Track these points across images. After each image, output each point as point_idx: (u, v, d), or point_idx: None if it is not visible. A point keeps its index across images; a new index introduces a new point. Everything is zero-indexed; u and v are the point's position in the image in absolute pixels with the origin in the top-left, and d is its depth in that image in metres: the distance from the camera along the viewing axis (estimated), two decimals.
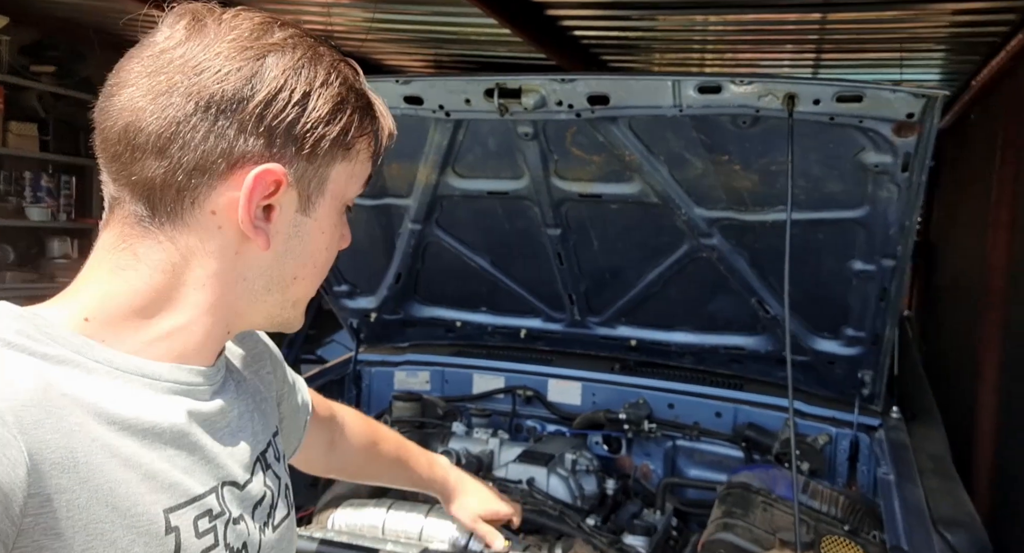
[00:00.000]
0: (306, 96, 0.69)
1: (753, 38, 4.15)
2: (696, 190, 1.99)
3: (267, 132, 0.68)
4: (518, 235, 2.31)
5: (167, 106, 0.66)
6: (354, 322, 2.76)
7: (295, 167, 0.71)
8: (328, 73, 0.71)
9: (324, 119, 0.70)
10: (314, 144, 0.71)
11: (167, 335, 0.71)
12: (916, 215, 1.77)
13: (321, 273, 0.80)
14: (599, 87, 1.73)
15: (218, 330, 0.74)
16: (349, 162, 0.76)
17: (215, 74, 0.66)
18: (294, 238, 0.74)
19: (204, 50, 0.67)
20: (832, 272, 2.05)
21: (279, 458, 0.87)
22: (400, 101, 1.86)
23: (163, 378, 0.70)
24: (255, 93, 0.67)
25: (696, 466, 2.51)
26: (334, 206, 0.76)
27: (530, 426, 2.69)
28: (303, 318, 0.82)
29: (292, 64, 0.69)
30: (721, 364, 2.53)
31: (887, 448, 2.20)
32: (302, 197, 0.73)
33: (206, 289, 0.71)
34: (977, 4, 3.32)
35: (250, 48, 0.68)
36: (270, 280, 0.75)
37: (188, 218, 0.69)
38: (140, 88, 0.67)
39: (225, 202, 0.69)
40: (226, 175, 0.68)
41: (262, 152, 0.68)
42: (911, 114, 1.55)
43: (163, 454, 0.67)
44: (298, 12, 4.35)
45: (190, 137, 0.66)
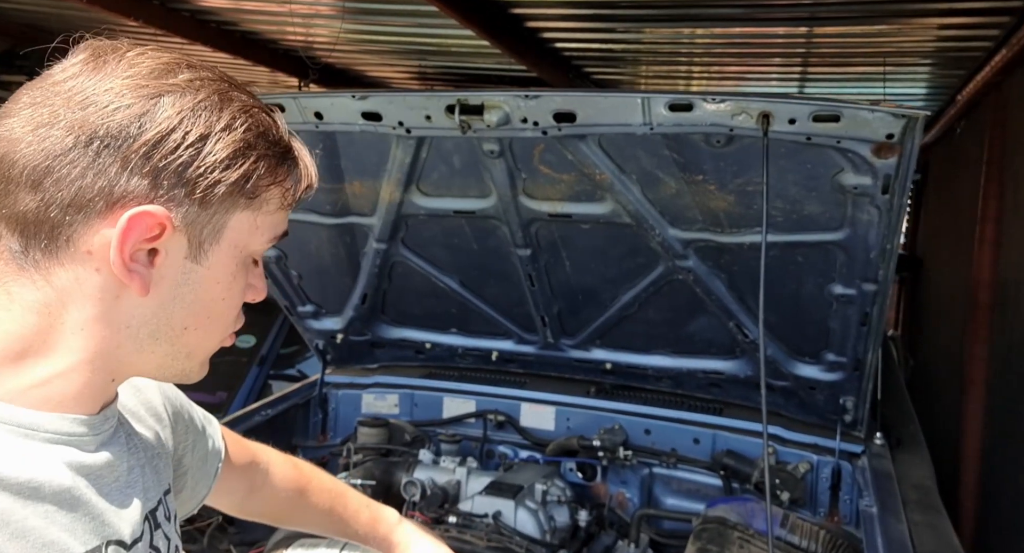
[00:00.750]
0: (203, 139, 0.65)
1: (739, 51, 4.10)
2: (670, 210, 1.91)
3: (152, 172, 0.64)
4: (487, 255, 2.22)
5: (45, 138, 0.62)
6: (320, 343, 2.66)
7: (184, 211, 0.66)
8: (233, 118, 0.67)
9: (221, 164, 0.66)
10: (207, 189, 0.66)
11: (43, 382, 0.66)
12: (898, 238, 1.69)
13: (219, 324, 0.74)
14: (565, 104, 1.64)
15: (100, 379, 0.69)
16: (252, 211, 0.70)
17: (102, 109, 0.63)
18: (183, 286, 0.69)
19: (95, 84, 0.64)
20: (812, 296, 1.97)
21: (169, 518, 0.82)
22: (358, 117, 1.77)
23: (41, 428, 0.65)
24: (143, 131, 0.63)
25: (673, 495, 2.42)
26: (233, 255, 0.71)
27: (502, 452, 2.59)
28: (204, 369, 0.77)
29: (191, 106, 0.65)
30: (699, 388, 2.45)
31: (870, 477, 2.12)
32: (192, 243, 0.68)
33: (84, 334, 0.67)
34: (963, 19, 3.28)
35: (146, 86, 0.64)
36: (156, 329, 0.69)
37: (63, 256, 0.65)
38: (21, 119, 0.64)
39: (101, 242, 0.64)
40: (104, 214, 0.63)
41: (146, 193, 0.64)
42: (891, 135, 1.47)
43: (39, 510, 0.62)
44: (281, 23, 4.27)
45: (66, 172, 0.62)
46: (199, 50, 4.71)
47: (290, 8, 3.63)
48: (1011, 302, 3.53)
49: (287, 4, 3.76)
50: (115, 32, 0.70)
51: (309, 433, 2.69)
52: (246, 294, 0.75)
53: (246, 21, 4.33)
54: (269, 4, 3.88)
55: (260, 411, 2.50)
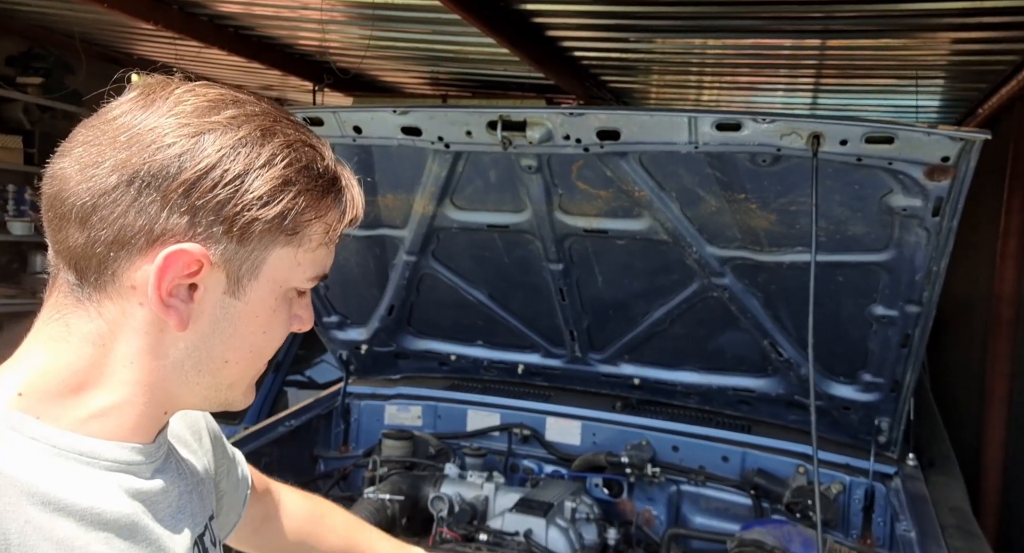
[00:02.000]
0: (240, 176, 0.65)
1: (752, 62, 4.08)
2: (709, 228, 1.88)
3: (191, 210, 0.65)
4: (518, 269, 2.19)
5: (92, 177, 0.64)
6: (344, 354, 2.64)
7: (223, 248, 0.67)
8: (273, 154, 0.67)
9: (259, 201, 0.66)
10: (245, 226, 0.66)
11: (101, 413, 0.68)
12: (945, 261, 1.66)
13: (260, 356, 0.75)
14: (610, 122, 1.62)
15: (153, 410, 0.71)
16: (293, 248, 0.70)
17: (145, 149, 0.64)
18: (223, 321, 0.70)
19: (140, 123, 0.65)
20: (851, 316, 1.94)
21: (215, 543, 0.84)
22: (397, 131, 1.75)
23: (101, 457, 0.67)
24: (183, 170, 0.64)
25: (702, 513, 2.39)
26: (272, 291, 0.71)
27: (527, 466, 2.56)
28: (250, 396, 0.78)
29: (231, 143, 0.65)
30: (729, 405, 2.42)
31: (905, 499, 2.09)
32: (231, 279, 0.69)
33: (135, 367, 0.68)
34: (980, 34, 3.26)
35: (188, 125, 0.65)
36: (199, 362, 0.71)
37: (111, 291, 0.67)
38: (73, 157, 0.65)
39: (143, 277, 0.66)
40: (146, 251, 0.65)
41: (185, 231, 0.65)
42: (946, 157, 1.44)
43: (100, 536, 0.65)
44: (295, 29, 4.26)
45: (110, 211, 0.64)
46: (215, 53, 4.71)
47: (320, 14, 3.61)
48: None
49: (302, 10, 3.75)
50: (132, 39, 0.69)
51: (331, 444, 2.67)
52: (291, 325, 0.76)
53: (262, 26, 4.32)
54: (285, 10, 3.87)
55: (284, 422, 2.48)
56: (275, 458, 2.36)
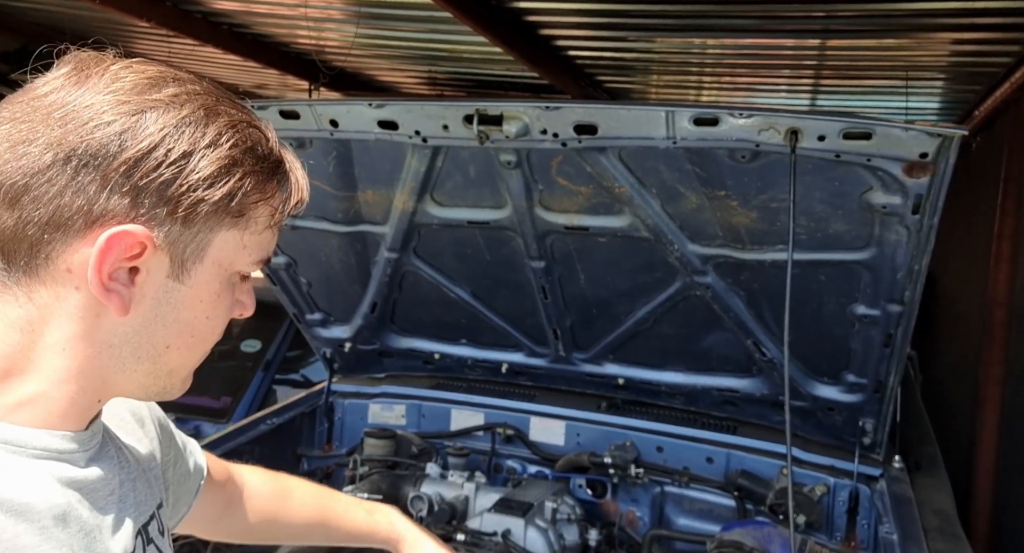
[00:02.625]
0: (186, 156, 0.63)
1: (751, 62, 4.06)
2: (690, 225, 1.86)
3: (133, 191, 0.62)
4: (500, 266, 2.18)
5: (23, 155, 0.61)
6: (327, 352, 2.62)
7: (167, 230, 0.65)
8: (219, 134, 0.65)
9: (205, 182, 0.64)
10: (190, 207, 0.64)
11: (30, 401, 0.65)
12: (926, 259, 1.64)
13: (202, 342, 0.73)
14: (586, 116, 1.60)
15: (86, 398, 0.69)
16: (239, 230, 0.69)
17: (82, 126, 0.61)
18: (165, 305, 0.68)
19: (76, 100, 0.62)
20: (834, 315, 1.92)
21: (163, 532, 0.81)
22: (374, 125, 1.73)
23: (30, 445, 0.65)
24: (124, 149, 0.61)
25: (685, 514, 2.37)
26: (217, 274, 0.70)
27: (510, 466, 2.54)
28: (186, 384, 0.76)
29: (175, 122, 0.63)
30: (714, 406, 2.40)
31: (889, 502, 2.06)
32: (175, 262, 0.67)
33: (67, 353, 0.66)
34: (978, 34, 3.24)
35: (128, 102, 0.63)
36: (138, 347, 0.68)
37: (43, 275, 0.64)
38: (1, 134, 0.62)
39: (80, 260, 0.63)
40: (83, 232, 0.62)
41: (127, 212, 0.63)
42: (924, 154, 1.43)
43: (32, 527, 0.62)
44: (290, 27, 4.25)
45: (44, 190, 0.61)
46: (210, 52, 4.70)
47: (305, 12, 3.60)
48: None
49: (299, 7, 3.74)
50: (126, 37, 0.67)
51: (315, 442, 2.65)
52: (233, 311, 0.74)
53: (258, 24, 4.31)
54: (281, 8, 3.87)
55: (266, 420, 2.46)
56: (257, 456, 2.33)
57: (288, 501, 1.16)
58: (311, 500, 1.18)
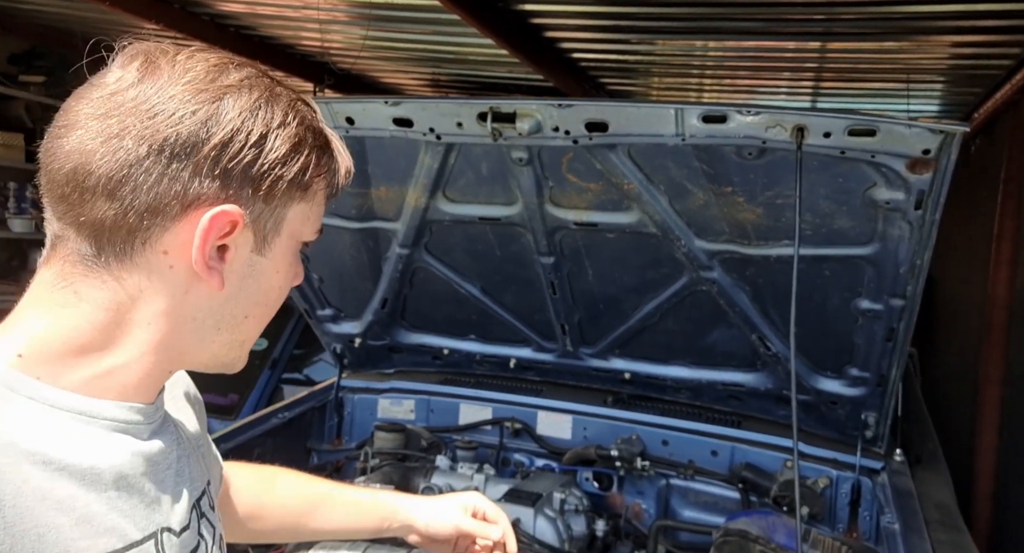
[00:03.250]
0: (263, 137, 0.68)
1: (752, 65, 4.11)
2: (697, 221, 1.90)
3: (223, 174, 0.67)
4: (510, 262, 2.22)
5: (118, 149, 0.65)
6: (337, 347, 2.66)
7: (252, 208, 0.70)
8: (285, 114, 0.70)
9: (281, 160, 0.70)
10: (271, 185, 0.70)
11: (106, 373, 0.69)
12: (928, 254, 1.68)
13: (271, 312, 0.78)
14: (598, 114, 1.65)
15: (159, 369, 0.73)
16: (307, 202, 0.75)
17: (169, 117, 0.65)
18: (248, 278, 0.73)
19: (158, 92, 0.66)
20: (837, 310, 1.96)
21: (213, 507, 0.84)
22: (389, 123, 1.78)
23: (102, 415, 0.68)
24: (211, 136, 0.66)
25: (690, 507, 2.41)
26: (290, 246, 0.75)
27: (518, 460, 2.58)
28: (246, 359, 0.81)
29: (249, 106, 0.68)
30: (719, 400, 2.44)
31: (891, 494, 2.11)
32: (258, 237, 0.72)
33: (151, 328, 0.70)
34: (978, 37, 3.29)
35: (205, 90, 0.67)
36: (220, 319, 0.73)
37: (138, 258, 0.68)
38: (90, 131, 0.66)
39: (178, 242, 0.68)
40: (180, 217, 0.67)
41: (217, 194, 0.67)
42: (927, 150, 1.47)
43: (101, 496, 0.65)
44: (297, 29, 4.29)
45: (143, 180, 0.65)
46: None
47: (317, 14, 3.64)
48: None
49: (304, 10, 3.78)
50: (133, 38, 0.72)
51: (324, 437, 2.69)
52: (292, 280, 0.79)
53: (264, 26, 4.35)
54: (288, 10, 3.91)
55: (277, 414, 2.50)
56: (268, 449, 2.38)
57: (271, 495, 1.14)
58: (298, 488, 1.17)
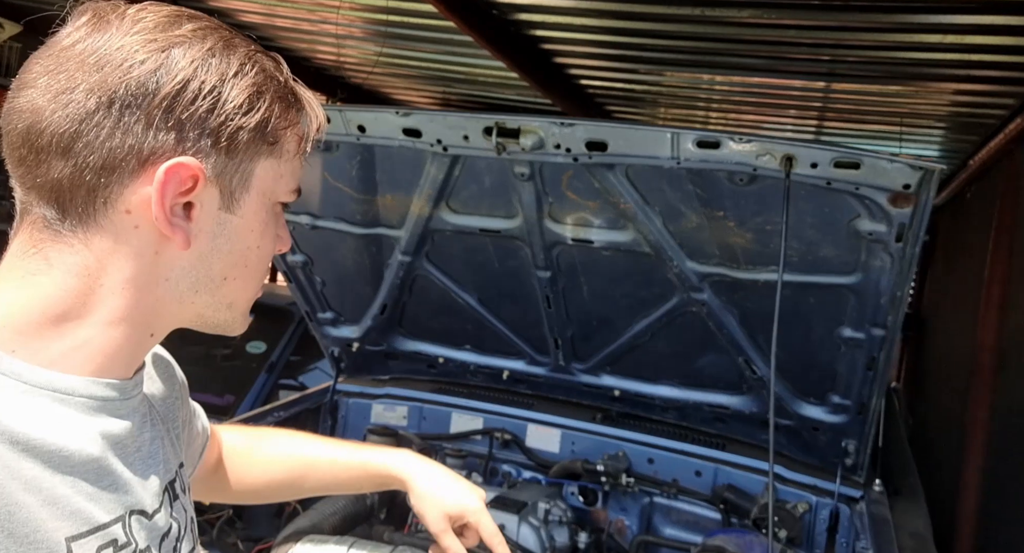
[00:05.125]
0: (217, 87, 0.66)
1: (757, 100, 4.22)
2: (689, 243, 1.98)
3: (177, 125, 0.65)
4: (507, 275, 2.28)
5: (68, 103, 0.63)
6: (335, 351, 2.72)
7: (213, 162, 0.67)
8: (242, 63, 0.68)
9: (240, 109, 0.67)
10: (231, 136, 0.67)
11: (83, 344, 0.67)
12: (908, 286, 1.75)
13: (255, 274, 0.76)
14: (598, 133, 1.73)
15: (138, 334, 0.70)
16: (275, 158, 0.72)
17: (117, 68, 0.63)
18: (219, 237, 0.71)
19: (106, 44, 0.64)
20: (821, 337, 2.02)
21: (185, 490, 0.82)
22: (399, 132, 1.86)
23: (76, 393, 0.66)
24: (161, 86, 0.64)
25: (672, 525, 2.45)
26: (262, 203, 0.73)
27: (506, 471, 2.63)
28: (246, 322, 0.78)
29: (201, 55, 0.66)
30: (705, 422, 2.49)
31: (867, 522, 2.15)
32: (224, 194, 0.70)
33: (124, 292, 0.67)
34: (978, 86, 3.39)
35: (155, 40, 0.65)
36: (196, 281, 0.71)
37: (101, 219, 0.66)
38: (39, 88, 0.64)
39: (139, 200, 0.65)
40: (138, 172, 0.65)
41: (174, 147, 0.65)
42: (907, 185, 1.54)
43: (68, 479, 0.63)
44: (313, 42, 4.41)
45: (95, 135, 0.63)
46: None
47: (335, 29, 3.75)
48: (1014, 366, 3.57)
49: (321, 24, 3.90)
50: None
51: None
52: (276, 244, 0.77)
53: (281, 38, 4.47)
54: (304, 23, 4.03)
55: (272, 413, 2.55)
56: None
57: (259, 453, 1.14)
58: (292, 442, 1.17)
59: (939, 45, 2.89)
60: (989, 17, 2.57)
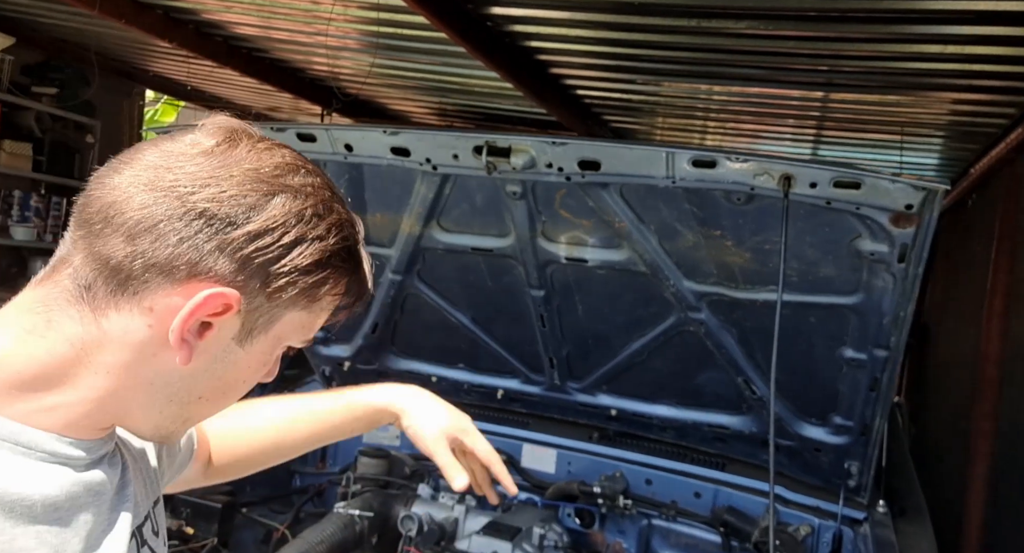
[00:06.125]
0: (297, 242, 0.69)
1: (755, 111, 4.18)
2: (686, 262, 1.93)
3: (243, 261, 0.68)
4: (501, 294, 2.24)
5: (157, 200, 0.66)
6: (326, 370, 2.66)
7: (252, 300, 0.70)
8: (328, 230, 0.71)
9: (303, 269, 0.70)
10: (281, 288, 0.70)
11: (52, 408, 0.68)
12: (911, 306, 1.70)
13: (227, 400, 0.77)
14: (591, 152, 1.68)
15: (101, 417, 0.71)
16: (308, 312, 0.74)
17: (219, 192, 0.67)
18: (219, 362, 0.72)
19: (220, 168, 0.68)
20: (822, 357, 1.97)
21: (156, 532, 0.83)
22: (387, 151, 1.81)
23: (39, 448, 0.67)
24: (249, 223, 0.67)
25: (671, 548, 2.39)
26: (273, 346, 0.75)
27: (500, 492, 2.56)
28: (183, 436, 0.82)
29: (297, 210, 0.69)
30: (704, 442, 2.43)
31: (872, 545, 2.09)
32: (245, 328, 0.72)
33: (108, 376, 0.69)
34: (978, 96, 3.35)
35: (265, 182, 0.69)
36: (175, 392, 0.72)
37: (123, 304, 0.67)
38: (143, 177, 0.67)
39: (166, 305, 0.67)
40: (181, 283, 0.67)
41: (227, 276, 0.68)
42: (910, 205, 1.50)
43: (30, 530, 0.63)
44: (308, 53, 4.38)
45: (167, 236, 0.66)
46: (229, 73, 4.83)
47: (325, 41, 3.72)
48: (1019, 377, 3.52)
49: (317, 35, 3.86)
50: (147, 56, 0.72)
51: (308, 459, 2.68)
52: (260, 377, 0.78)
53: (276, 49, 4.44)
54: (300, 35, 4.00)
55: None
56: None
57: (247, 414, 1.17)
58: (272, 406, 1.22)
59: (940, 55, 2.85)
60: (989, 28, 2.53)
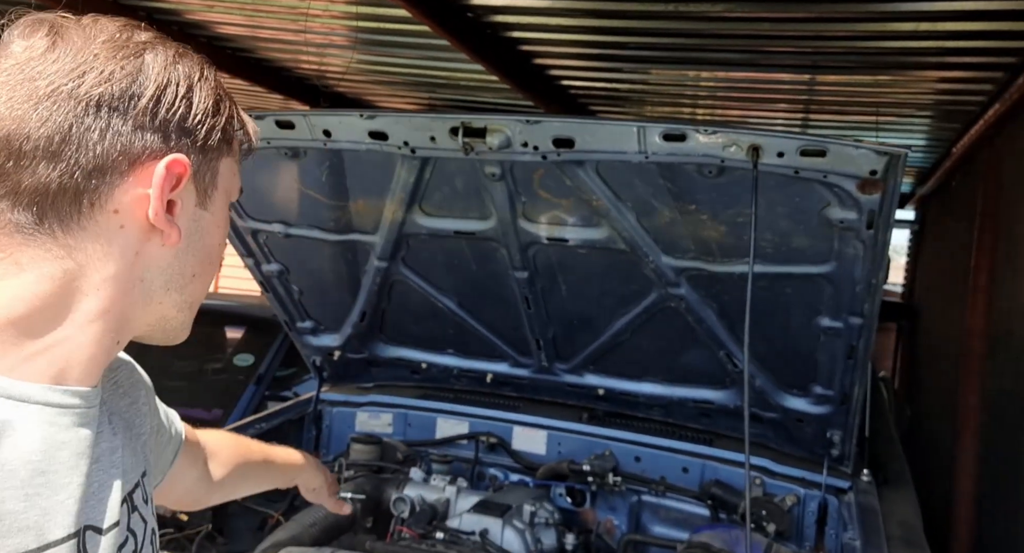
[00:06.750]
0: (190, 90, 0.70)
1: (742, 96, 4.21)
2: (664, 238, 1.96)
3: (162, 126, 0.68)
4: (486, 277, 2.27)
5: (53, 110, 0.64)
6: (317, 360, 2.70)
7: (192, 160, 0.70)
8: (201, 68, 0.72)
9: (210, 111, 0.71)
10: (206, 136, 0.71)
11: (46, 349, 0.65)
12: (882, 273, 1.74)
13: (214, 269, 0.78)
14: (564, 130, 1.71)
15: (107, 340, 0.70)
16: (231, 157, 0.77)
17: (99, 74, 0.65)
18: (195, 234, 0.73)
19: (79, 53, 0.66)
20: (800, 328, 2.01)
21: (146, 500, 0.81)
22: (365, 136, 1.84)
23: (32, 400, 0.64)
24: (144, 90, 0.67)
25: (661, 523, 2.43)
26: (225, 200, 0.77)
27: (492, 474, 2.61)
28: (191, 326, 0.79)
29: (169, 60, 0.69)
30: (690, 418, 2.47)
31: (855, 512, 2.14)
32: (199, 191, 0.73)
33: (100, 294, 0.68)
34: (957, 73, 3.39)
35: (125, 47, 0.68)
36: (170, 279, 0.73)
37: (86, 221, 0.66)
38: (17, 96, 0.64)
39: (130, 199, 0.67)
40: (128, 173, 0.67)
41: (160, 147, 0.68)
42: (874, 171, 1.53)
43: (18, 493, 0.61)
44: (295, 51, 4.40)
45: (86, 138, 0.65)
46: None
47: (305, 38, 3.74)
48: (1002, 351, 3.57)
49: (302, 33, 3.89)
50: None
51: (302, 449, 2.71)
52: None
53: (261, 49, 4.46)
54: (284, 33, 4.02)
55: (254, 425, 2.53)
56: None
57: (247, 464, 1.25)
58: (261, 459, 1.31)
59: (914, 33, 2.89)
60: (961, 3, 2.57)
